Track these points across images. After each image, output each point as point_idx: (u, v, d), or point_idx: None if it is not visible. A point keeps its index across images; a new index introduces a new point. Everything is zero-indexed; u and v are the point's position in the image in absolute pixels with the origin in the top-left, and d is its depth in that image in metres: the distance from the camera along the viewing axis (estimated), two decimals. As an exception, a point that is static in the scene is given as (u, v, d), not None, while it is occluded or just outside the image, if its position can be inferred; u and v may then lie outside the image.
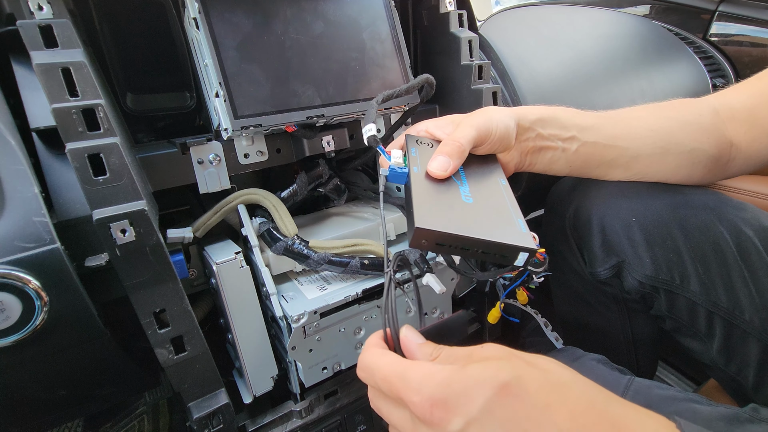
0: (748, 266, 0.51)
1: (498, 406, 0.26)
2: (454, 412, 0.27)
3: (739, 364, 0.54)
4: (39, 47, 0.42)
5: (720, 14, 1.05)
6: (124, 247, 0.40)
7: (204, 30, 0.48)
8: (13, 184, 0.40)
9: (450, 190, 0.46)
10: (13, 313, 0.38)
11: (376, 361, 0.32)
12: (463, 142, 0.46)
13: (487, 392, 0.27)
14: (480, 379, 0.27)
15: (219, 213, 0.56)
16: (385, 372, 0.31)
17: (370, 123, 0.49)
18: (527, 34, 0.88)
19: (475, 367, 0.28)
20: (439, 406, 0.27)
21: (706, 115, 0.56)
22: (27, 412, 0.50)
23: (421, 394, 0.28)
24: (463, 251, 0.41)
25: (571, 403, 0.27)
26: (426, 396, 0.28)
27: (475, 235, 0.40)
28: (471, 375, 0.27)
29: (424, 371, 0.29)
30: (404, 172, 0.47)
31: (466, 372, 0.28)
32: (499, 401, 0.26)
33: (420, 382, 0.28)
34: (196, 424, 0.48)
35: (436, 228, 0.39)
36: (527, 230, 0.42)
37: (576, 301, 0.70)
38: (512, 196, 0.47)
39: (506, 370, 0.27)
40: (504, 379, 0.27)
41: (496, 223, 0.42)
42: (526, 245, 0.40)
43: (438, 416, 0.27)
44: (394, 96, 0.55)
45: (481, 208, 0.44)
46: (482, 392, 0.27)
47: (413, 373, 0.29)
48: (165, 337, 0.45)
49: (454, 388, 0.27)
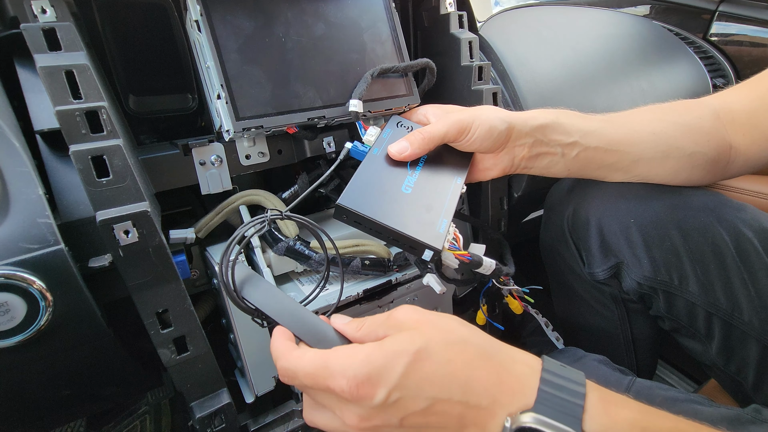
0: (747, 267, 0.51)
1: (412, 371, 0.31)
2: (378, 385, 0.31)
3: (738, 365, 0.54)
4: (42, 50, 0.42)
5: (720, 14, 1.05)
6: (127, 248, 0.41)
7: (206, 32, 0.49)
8: (17, 185, 0.40)
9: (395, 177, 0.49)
10: (18, 313, 0.38)
11: (296, 362, 0.34)
12: (427, 135, 0.50)
13: (403, 361, 0.31)
14: (396, 352, 0.31)
15: (221, 214, 0.57)
16: (307, 369, 0.33)
17: (356, 98, 0.51)
18: (527, 34, 0.88)
19: (391, 342, 0.32)
20: (364, 384, 0.31)
21: (706, 118, 0.56)
22: (31, 412, 0.51)
23: (347, 376, 0.31)
24: (378, 234, 0.45)
25: (467, 355, 0.32)
26: (351, 376, 0.31)
27: (389, 223, 0.43)
28: (388, 349, 0.32)
29: (345, 355, 0.32)
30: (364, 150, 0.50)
31: (384, 348, 0.32)
32: (413, 366, 0.31)
33: (343, 366, 0.32)
34: (199, 424, 0.49)
35: (354, 208, 0.43)
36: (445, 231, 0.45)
37: (575, 301, 0.70)
38: (456, 197, 0.49)
39: (417, 340, 0.32)
40: (415, 348, 0.32)
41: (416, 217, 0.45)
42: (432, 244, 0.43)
43: (364, 392, 0.31)
44: (391, 70, 0.56)
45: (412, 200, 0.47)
46: (399, 362, 0.31)
47: (334, 361, 0.32)
48: (167, 337, 0.45)
49: (375, 365, 0.31)
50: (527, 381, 0.32)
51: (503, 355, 0.33)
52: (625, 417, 0.31)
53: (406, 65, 0.57)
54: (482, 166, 0.56)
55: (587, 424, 0.30)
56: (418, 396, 0.31)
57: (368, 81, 0.54)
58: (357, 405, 0.32)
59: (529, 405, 0.31)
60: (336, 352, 0.33)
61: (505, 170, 0.56)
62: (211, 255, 0.55)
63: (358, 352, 0.32)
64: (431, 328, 0.33)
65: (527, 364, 0.33)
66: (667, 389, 0.50)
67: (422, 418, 0.32)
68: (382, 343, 0.32)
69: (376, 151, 0.50)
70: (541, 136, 0.53)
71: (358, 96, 0.53)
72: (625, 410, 0.31)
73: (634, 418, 0.31)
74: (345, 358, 0.32)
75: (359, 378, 0.31)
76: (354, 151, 0.51)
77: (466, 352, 0.33)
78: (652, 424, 0.31)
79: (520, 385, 0.32)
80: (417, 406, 0.31)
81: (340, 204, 0.43)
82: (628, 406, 0.32)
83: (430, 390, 0.31)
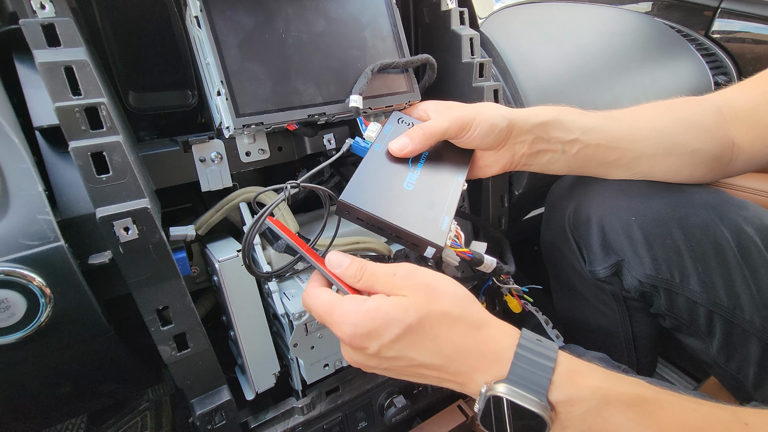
0: (748, 265, 0.51)
1: (402, 338, 0.36)
2: (371, 340, 0.36)
3: (739, 363, 0.54)
4: (42, 46, 0.42)
5: (722, 11, 1.05)
6: (127, 244, 0.40)
7: (205, 28, 0.49)
8: (17, 182, 0.40)
9: (397, 173, 0.48)
10: (18, 310, 0.38)
11: (312, 300, 0.40)
12: (428, 131, 0.50)
13: (395, 329, 0.36)
14: (391, 319, 0.36)
15: (221, 211, 0.57)
16: (317, 310, 0.39)
17: (356, 93, 0.51)
18: (529, 31, 0.87)
19: (388, 306, 0.36)
20: (359, 337, 0.36)
21: (709, 115, 0.56)
22: (31, 408, 0.51)
23: (344, 331, 0.37)
24: (380, 231, 0.45)
25: (455, 330, 0.36)
26: (348, 331, 0.37)
27: (391, 220, 0.43)
28: (384, 314, 0.36)
29: (348, 310, 0.37)
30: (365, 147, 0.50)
31: (380, 311, 0.36)
32: (404, 334, 0.36)
33: (343, 318, 0.37)
34: (199, 421, 0.49)
35: (357, 205, 0.43)
36: (447, 228, 0.45)
37: (576, 298, 0.70)
38: (458, 194, 0.49)
39: (412, 313, 0.36)
40: (409, 321, 0.36)
41: (419, 214, 0.45)
42: (434, 241, 0.43)
43: (358, 343, 0.37)
44: (391, 66, 0.56)
45: (415, 197, 0.46)
46: (392, 329, 0.36)
47: (339, 311, 0.37)
48: (168, 334, 0.45)
49: (371, 326, 0.36)
50: (504, 353, 0.36)
51: (488, 329, 0.37)
52: (589, 385, 0.34)
53: (406, 61, 0.57)
54: (483, 163, 0.56)
55: (553, 393, 0.34)
56: (403, 356, 0.37)
57: (369, 76, 0.54)
58: (351, 349, 0.38)
59: (503, 375, 0.35)
60: (341, 304, 0.38)
61: (505, 167, 0.56)
62: (212, 252, 0.55)
63: (359, 309, 0.37)
64: (428, 298, 0.37)
65: (507, 337, 0.37)
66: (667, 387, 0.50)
67: (406, 370, 0.38)
68: (380, 306, 0.36)
69: (378, 148, 0.50)
70: (541, 133, 0.53)
71: (359, 91, 0.52)
72: (589, 379, 0.35)
73: (597, 386, 0.34)
74: (346, 314, 0.37)
75: (355, 333, 0.36)
76: (355, 147, 0.51)
77: (455, 328, 0.36)
78: (613, 389, 0.34)
79: (497, 357, 0.36)
80: (402, 362, 0.37)
81: (342, 200, 0.43)
82: (593, 375, 0.35)
83: (415, 355, 0.36)
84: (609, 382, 0.34)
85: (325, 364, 0.58)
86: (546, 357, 0.35)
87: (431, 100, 0.58)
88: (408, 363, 0.37)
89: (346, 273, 0.41)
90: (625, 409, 0.33)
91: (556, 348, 0.36)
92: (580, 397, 0.34)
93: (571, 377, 0.35)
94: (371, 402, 0.64)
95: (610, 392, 0.34)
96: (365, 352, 0.37)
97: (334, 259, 0.41)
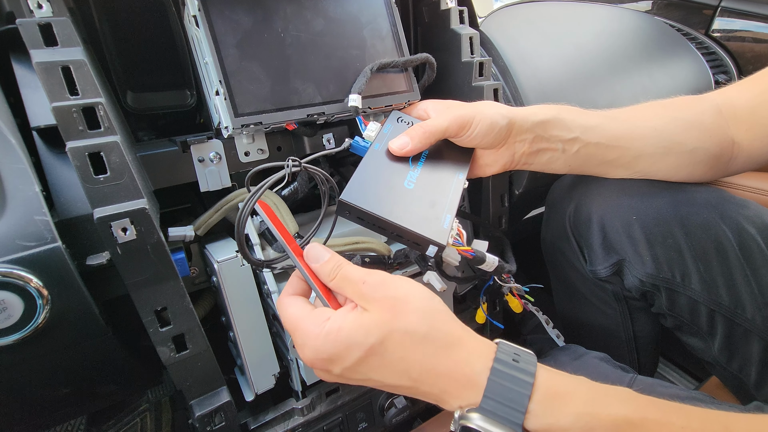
0: (750, 264, 0.51)
1: (364, 361, 0.35)
2: (333, 365, 0.36)
3: (740, 362, 0.54)
4: (39, 45, 0.41)
5: (722, 10, 1.05)
6: (125, 245, 0.40)
7: (204, 28, 0.48)
8: (14, 182, 0.40)
9: (397, 172, 0.48)
10: (15, 311, 0.38)
11: (281, 309, 0.40)
12: (428, 129, 0.50)
13: (356, 353, 0.35)
14: (351, 343, 0.35)
15: (220, 211, 0.56)
16: (285, 322, 0.39)
17: (355, 93, 0.51)
18: (528, 30, 0.87)
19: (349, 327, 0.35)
20: (320, 361, 0.36)
21: (709, 114, 0.55)
22: (30, 410, 0.50)
23: (305, 354, 0.37)
24: (381, 230, 0.44)
25: (422, 351, 0.35)
26: (309, 355, 0.36)
27: (393, 219, 0.43)
28: (345, 338, 0.35)
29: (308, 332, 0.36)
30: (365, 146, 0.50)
31: (341, 334, 0.35)
32: (366, 357, 0.35)
33: (305, 341, 0.36)
34: (198, 422, 0.48)
35: (357, 204, 0.43)
36: (449, 227, 0.44)
37: (576, 298, 0.70)
38: (459, 192, 0.49)
39: (373, 335, 0.34)
40: (371, 343, 0.34)
41: (420, 213, 0.45)
42: (436, 239, 0.43)
43: (320, 366, 0.36)
44: (390, 65, 0.56)
45: (416, 196, 0.46)
46: (353, 353, 0.35)
47: (300, 331, 0.37)
48: (167, 335, 0.45)
49: (331, 350, 0.35)
50: (476, 378, 0.34)
51: (458, 350, 0.35)
52: (571, 411, 0.32)
53: (405, 60, 0.57)
54: (483, 162, 0.55)
55: (530, 422, 0.32)
56: (369, 378, 0.36)
57: (368, 75, 0.54)
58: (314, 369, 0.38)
59: (476, 402, 0.33)
60: (304, 323, 0.37)
61: (505, 166, 0.55)
62: (211, 252, 0.55)
63: (320, 333, 0.36)
64: (391, 315, 0.35)
65: (479, 358, 0.35)
66: (669, 386, 0.50)
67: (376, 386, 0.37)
68: (341, 328, 0.35)
69: (377, 147, 0.50)
70: (541, 131, 0.53)
71: (358, 90, 0.52)
72: (571, 403, 0.32)
73: (579, 412, 0.32)
74: (307, 336, 0.36)
75: (317, 357, 0.36)
76: (355, 147, 0.51)
77: (422, 348, 0.35)
78: (598, 415, 0.31)
79: (469, 382, 0.34)
80: (369, 383, 0.37)
81: (343, 200, 0.43)
82: (576, 397, 0.32)
83: (380, 377, 0.36)
84: (592, 406, 0.32)
85: (325, 364, 0.58)
86: (522, 382, 0.33)
87: (431, 99, 0.58)
88: (375, 384, 0.36)
89: (323, 269, 0.39)
90: None
91: (534, 365, 0.34)
92: (560, 427, 0.31)
93: (551, 403, 0.32)
94: (371, 403, 0.64)
95: (593, 420, 0.31)
96: (330, 373, 0.37)
97: (313, 253, 0.40)
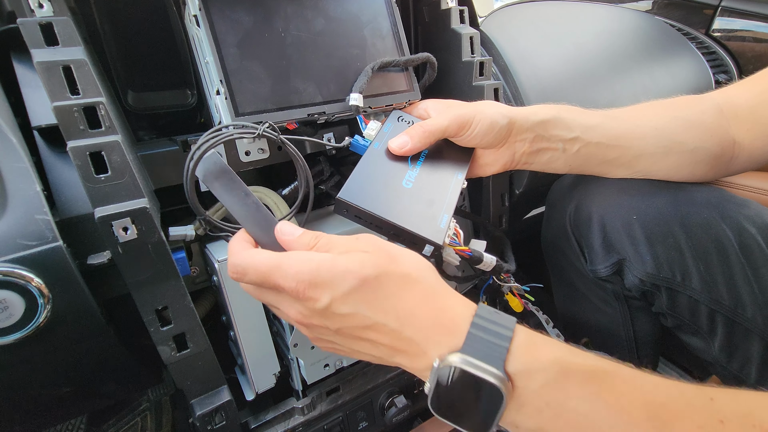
0: (750, 264, 0.51)
1: (357, 292, 0.34)
2: (323, 292, 0.34)
3: (741, 362, 0.54)
4: (40, 45, 0.42)
5: (723, 9, 1.05)
6: (126, 244, 0.40)
7: (204, 27, 0.48)
8: (15, 182, 0.40)
9: (396, 171, 0.48)
10: (16, 311, 0.38)
11: (249, 260, 0.36)
12: (428, 129, 0.50)
13: (350, 282, 0.33)
14: (346, 270, 0.34)
15: (220, 211, 0.56)
16: (259, 267, 0.35)
17: (356, 92, 0.51)
18: (529, 30, 0.87)
19: (345, 259, 0.34)
20: (312, 287, 0.34)
21: (709, 113, 0.55)
22: (30, 409, 0.50)
23: (297, 280, 0.34)
24: (378, 229, 0.44)
25: (412, 293, 0.35)
26: (300, 279, 0.34)
27: (390, 218, 0.43)
28: (340, 265, 0.34)
29: (299, 259, 0.34)
30: (365, 145, 0.50)
31: (336, 262, 0.34)
32: (359, 288, 0.34)
33: (295, 269, 0.34)
34: (199, 421, 0.48)
35: (355, 203, 0.43)
36: (446, 226, 0.44)
37: (577, 297, 0.70)
38: (457, 192, 0.49)
39: (369, 267, 0.34)
40: (366, 274, 0.34)
41: (417, 212, 0.45)
42: (432, 239, 0.43)
43: (310, 294, 0.34)
44: (391, 64, 0.56)
45: (414, 195, 0.46)
46: (347, 281, 0.33)
47: (287, 263, 0.34)
48: (167, 335, 0.45)
49: (324, 275, 0.33)
50: (460, 324, 0.34)
51: (445, 299, 0.36)
52: (548, 356, 0.33)
53: (406, 59, 0.57)
54: (483, 161, 0.55)
55: (510, 364, 0.32)
56: (356, 313, 0.34)
57: (369, 75, 0.54)
58: (301, 304, 0.35)
59: (458, 346, 0.33)
60: (290, 256, 0.35)
61: (505, 166, 0.55)
62: (211, 252, 0.55)
63: (312, 259, 0.34)
64: (387, 259, 0.35)
65: (464, 307, 0.35)
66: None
67: (357, 333, 0.35)
68: (336, 258, 0.34)
69: (377, 146, 0.50)
70: (542, 131, 0.53)
71: (359, 89, 0.52)
72: (548, 350, 0.33)
73: (556, 357, 0.32)
74: (298, 263, 0.34)
75: (309, 281, 0.34)
76: (355, 145, 0.51)
77: (412, 291, 0.35)
78: (573, 361, 0.32)
79: (453, 327, 0.34)
80: (354, 321, 0.35)
81: (340, 198, 0.43)
82: (553, 347, 0.34)
83: (368, 312, 0.34)
84: (569, 355, 0.33)
85: (326, 364, 0.58)
86: (504, 327, 0.34)
87: (431, 99, 0.58)
88: (360, 323, 0.35)
89: (300, 241, 0.37)
90: (585, 383, 0.32)
91: (513, 320, 0.35)
92: (537, 368, 0.32)
93: (530, 348, 0.33)
94: (372, 402, 0.64)
95: (570, 364, 0.32)
96: (315, 305, 0.34)
97: (287, 228, 0.38)
